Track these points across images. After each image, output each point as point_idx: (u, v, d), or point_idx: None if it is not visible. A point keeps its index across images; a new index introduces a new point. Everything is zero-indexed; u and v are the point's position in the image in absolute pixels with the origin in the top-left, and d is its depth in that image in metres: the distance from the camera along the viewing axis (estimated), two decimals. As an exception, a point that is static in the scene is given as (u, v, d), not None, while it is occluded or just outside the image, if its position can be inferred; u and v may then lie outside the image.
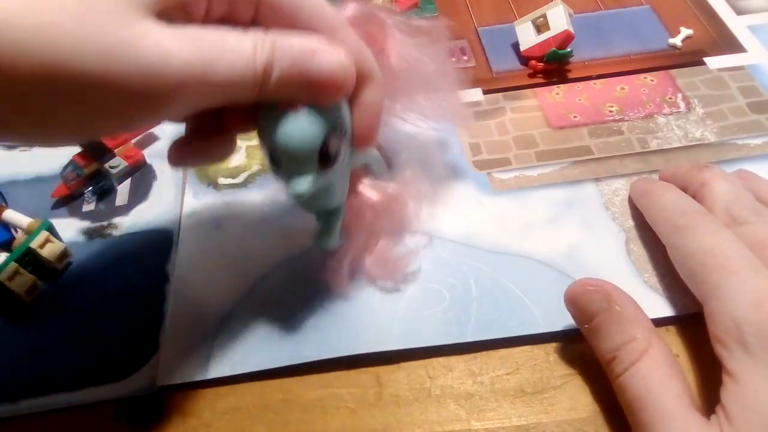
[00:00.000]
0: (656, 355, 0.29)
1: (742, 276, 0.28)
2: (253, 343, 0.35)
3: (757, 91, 0.46)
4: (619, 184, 0.41)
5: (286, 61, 0.26)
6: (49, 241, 0.39)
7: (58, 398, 0.35)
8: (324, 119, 0.28)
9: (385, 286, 0.37)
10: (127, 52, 0.23)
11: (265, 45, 0.26)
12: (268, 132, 0.28)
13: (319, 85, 0.27)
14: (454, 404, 0.33)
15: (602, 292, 0.31)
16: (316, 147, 0.28)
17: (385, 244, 0.38)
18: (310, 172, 0.29)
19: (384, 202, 0.36)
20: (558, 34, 0.48)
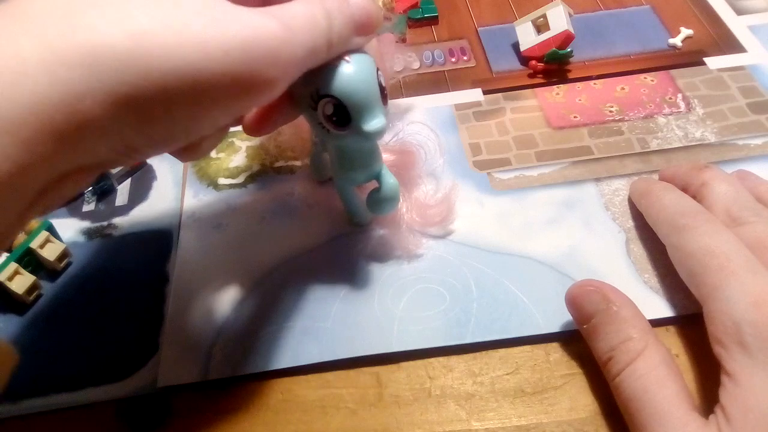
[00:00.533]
0: (653, 356, 0.29)
1: (742, 277, 0.28)
2: (253, 344, 0.35)
3: (758, 91, 0.46)
4: (620, 184, 0.41)
5: (337, 14, 0.28)
6: (49, 241, 0.39)
7: (58, 398, 0.35)
8: (368, 57, 0.31)
9: (435, 233, 0.39)
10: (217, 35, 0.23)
11: (318, 5, 0.27)
12: (335, 88, 0.30)
13: (363, 24, 0.29)
14: (454, 404, 0.33)
15: (600, 293, 0.31)
16: (376, 82, 0.30)
17: (417, 195, 0.40)
18: (380, 108, 0.31)
19: (398, 159, 0.39)
20: (558, 34, 0.48)
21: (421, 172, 0.41)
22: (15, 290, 0.37)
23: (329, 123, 0.31)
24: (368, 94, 0.30)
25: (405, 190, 0.39)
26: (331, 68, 0.30)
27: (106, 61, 0.21)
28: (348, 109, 0.30)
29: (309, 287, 0.37)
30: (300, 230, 0.40)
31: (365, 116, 0.30)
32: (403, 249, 0.38)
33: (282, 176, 0.44)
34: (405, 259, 0.38)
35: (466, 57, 0.51)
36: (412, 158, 0.40)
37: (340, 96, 0.30)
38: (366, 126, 0.30)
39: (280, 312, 0.36)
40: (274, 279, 0.38)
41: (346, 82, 0.30)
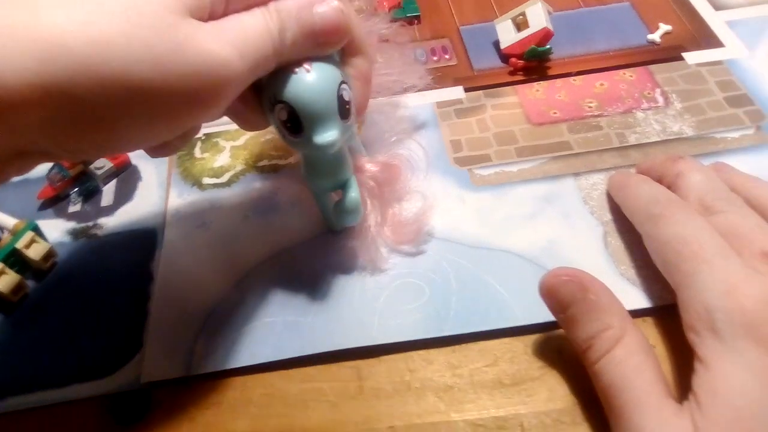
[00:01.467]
0: (631, 343, 0.29)
1: (714, 265, 0.29)
2: (235, 340, 0.36)
3: (735, 85, 0.46)
4: (598, 178, 0.41)
5: (292, 20, 0.28)
6: (34, 241, 0.40)
7: (44, 395, 0.35)
8: (333, 69, 0.31)
9: (408, 251, 0.39)
10: (175, 60, 0.24)
11: (272, 14, 0.28)
12: (289, 95, 0.30)
13: (324, 33, 0.29)
14: (433, 397, 0.33)
15: (577, 282, 0.31)
16: (334, 94, 0.30)
17: (396, 210, 0.40)
18: (334, 122, 0.30)
19: (381, 172, 0.38)
20: (537, 31, 0.48)
21: (403, 187, 0.41)
22: (1, 290, 0.38)
23: (284, 128, 0.31)
24: (322, 106, 0.30)
25: (382, 204, 0.39)
26: (289, 75, 0.30)
27: (61, 59, 0.22)
28: (300, 117, 0.30)
29: (291, 283, 0.38)
30: (282, 228, 0.41)
31: (316, 128, 0.30)
32: (369, 262, 0.38)
33: (265, 175, 0.44)
34: (369, 271, 0.38)
35: (448, 56, 0.52)
36: (396, 172, 0.39)
37: (292, 103, 0.30)
38: (316, 137, 0.30)
39: (262, 308, 0.37)
40: (257, 276, 0.39)
41: (300, 90, 0.29)
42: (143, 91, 0.24)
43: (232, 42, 0.26)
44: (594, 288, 0.31)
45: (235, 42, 0.26)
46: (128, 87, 0.23)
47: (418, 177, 0.42)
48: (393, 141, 0.42)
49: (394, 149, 0.41)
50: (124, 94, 0.23)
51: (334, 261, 0.39)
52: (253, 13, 0.27)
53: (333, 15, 0.29)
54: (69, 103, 0.23)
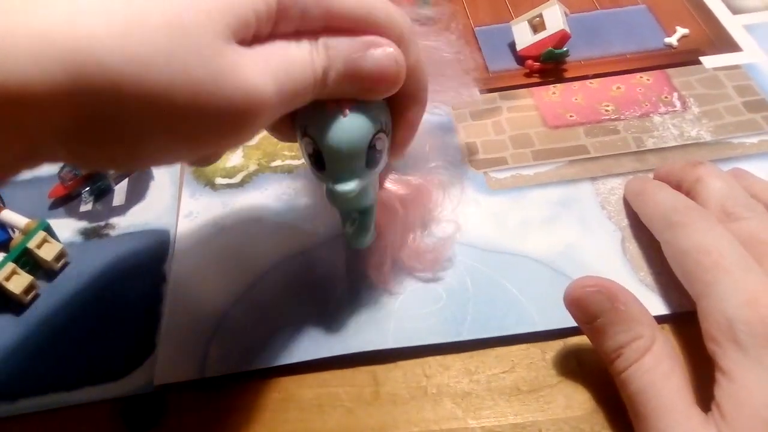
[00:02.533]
0: (660, 351, 0.29)
1: (735, 275, 0.29)
2: (249, 343, 0.35)
3: (753, 90, 0.46)
4: (615, 183, 0.41)
5: (340, 60, 0.27)
6: (46, 241, 0.39)
7: (55, 398, 0.35)
8: (371, 120, 0.29)
9: (425, 277, 0.38)
10: (213, 88, 0.23)
11: (319, 49, 0.26)
12: (317, 134, 0.29)
13: (373, 81, 0.28)
14: (450, 403, 0.33)
15: (605, 293, 0.30)
16: (364, 148, 0.29)
17: (417, 235, 0.38)
18: (358, 171, 0.29)
19: (411, 194, 0.37)
20: (554, 33, 0.48)
21: (432, 214, 0.40)
22: (12, 290, 0.37)
23: (309, 159, 0.30)
24: (349, 154, 0.29)
25: (405, 227, 0.37)
26: (325, 113, 0.28)
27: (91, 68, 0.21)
28: (324, 159, 0.29)
29: (305, 286, 0.38)
30: (296, 230, 0.40)
31: (338, 174, 0.29)
32: (380, 282, 0.37)
33: (279, 176, 0.44)
34: (381, 291, 0.37)
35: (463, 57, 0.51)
36: (427, 197, 0.38)
37: (319, 143, 0.29)
38: (334, 185, 0.29)
39: (276, 311, 0.37)
40: (271, 278, 0.38)
41: (330, 133, 0.28)
42: (172, 114, 0.22)
43: (273, 73, 0.25)
44: (623, 298, 0.30)
45: (276, 73, 0.25)
46: (158, 107, 0.22)
47: (449, 205, 0.40)
48: (432, 166, 0.40)
49: (431, 173, 0.39)
50: (152, 113, 0.22)
51: (349, 264, 0.38)
52: (301, 44, 0.26)
53: (385, 63, 0.27)
54: (93, 115, 0.21)
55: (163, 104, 0.22)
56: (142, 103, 0.22)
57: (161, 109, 0.22)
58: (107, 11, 0.21)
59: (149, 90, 0.21)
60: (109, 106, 0.21)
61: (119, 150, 0.24)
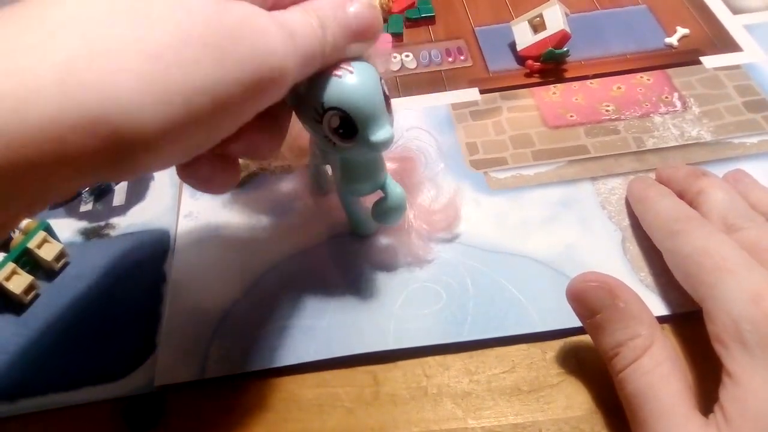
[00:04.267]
0: (659, 352, 0.29)
1: (739, 274, 0.28)
2: (250, 343, 0.35)
3: (753, 90, 0.46)
4: (616, 183, 0.41)
5: (331, 22, 0.28)
6: (46, 241, 0.39)
7: (55, 398, 0.35)
8: (371, 66, 0.30)
9: (446, 237, 0.39)
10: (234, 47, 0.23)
11: (310, 13, 0.27)
12: (339, 99, 0.29)
13: (361, 31, 0.29)
14: (450, 403, 0.33)
15: (606, 288, 0.31)
16: (380, 91, 0.30)
17: (422, 200, 0.39)
18: (386, 118, 0.30)
19: (400, 165, 0.38)
20: (554, 33, 0.48)
21: (423, 178, 0.40)
22: (12, 290, 0.37)
23: (335, 135, 0.30)
24: (374, 105, 0.29)
25: (409, 197, 0.38)
26: (335, 80, 0.29)
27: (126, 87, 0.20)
28: (355, 121, 0.29)
29: (306, 286, 0.38)
30: (297, 230, 0.40)
31: (372, 127, 0.30)
32: (413, 256, 0.38)
33: (279, 176, 0.44)
34: (416, 265, 0.38)
35: (463, 57, 0.51)
36: (414, 164, 0.39)
37: (346, 108, 0.29)
38: (374, 137, 0.30)
39: (276, 311, 0.37)
40: (271, 278, 0.38)
41: (351, 93, 0.29)
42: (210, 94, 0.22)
43: (287, 27, 0.25)
44: (624, 295, 0.30)
45: (290, 27, 0.25)
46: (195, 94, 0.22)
47: (433, 167, 0.41)
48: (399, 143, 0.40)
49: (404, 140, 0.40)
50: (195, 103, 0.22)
51: (349, 264, 0.38)
52: (294, 11, 0.27)
53: (367, 12, 0.29)
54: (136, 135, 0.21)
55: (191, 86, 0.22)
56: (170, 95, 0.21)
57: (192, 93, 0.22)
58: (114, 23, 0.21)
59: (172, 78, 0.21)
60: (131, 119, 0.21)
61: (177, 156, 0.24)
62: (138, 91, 0.20)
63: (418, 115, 0.47)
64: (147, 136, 0.21)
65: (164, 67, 0.21)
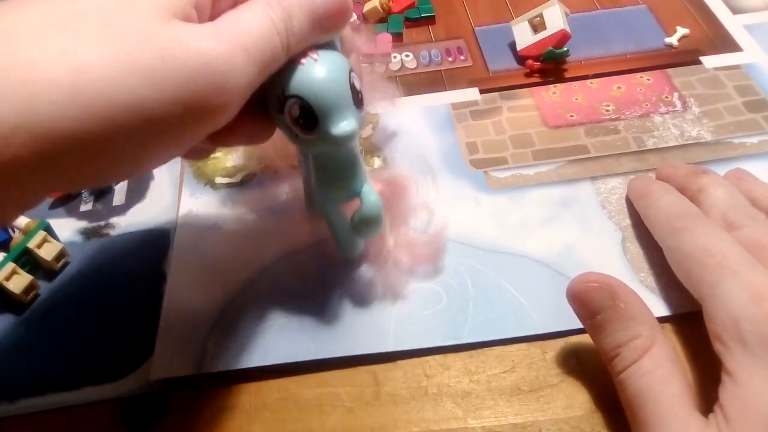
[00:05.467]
0: (659, 353, 0.29)
1: (740, 273, 0.28)
2: (249, 340, 0.35)
3: (753, 90, 0.46)
4: (616, 182, 0.41)
5: (296, 9, 0.27)
6: (46, 241, 0.39)
7: (55, 398, 0.35)
8: (340, 55, 0.29)
9: (424, 272, 0.37)
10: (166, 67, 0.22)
11: (273, 6, 0.26)
12: (300, 86, 0.28)
13: (329, 16, 0.28)
14: (450, 403, 0.33)
15: (607, 289, 0.31)
16: (347, 82, 0.29)
17: (406, 231, 0.38)
18: (351, 110, 0.29)
19: (387, 190, 0.37)
20: (554, 33, 0.48)
21: (412, 206, 0.39)
22: (12, 290, 0.37)
23: (296, 126, 0.29)
24: (337, 94, 0.28)
25: (393, 224, 0.37)
26: (297, 67, 0.28)
27: (45, 97, 0.21)
28: (314, 110, 0.28)
29: (304, 285, 0.38)
30: (296, 228, 0.40)
31: (333, 118, 0.28)
32: (387, 288, 0.36)
33: (279, 175, 0.44)
34: (390, 299, 0.36)
35: (463, 56, 0.51)
36: (403, 190, 0.38)
37: (305, 95, 0.28)
38: (334, 129, 0.28)
39: (275, 308, 0.37)
40: (270, 277, 0.38)
41: (311, 80, 0.28)
42: (139, 111, 0.22)
43: (233, 38, 0.24)
44: (624, 295, 0.30)
45: (237, 38, 0.25)
46: (121, 109, 0.22)
47: (424, 193, 0.40)
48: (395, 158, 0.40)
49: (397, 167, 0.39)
50: (120, 117, 0.22)
51: (349, 263, 0.38)
52: (253, 8, 0.26)
53: None
54: (60, 141, 0.21)
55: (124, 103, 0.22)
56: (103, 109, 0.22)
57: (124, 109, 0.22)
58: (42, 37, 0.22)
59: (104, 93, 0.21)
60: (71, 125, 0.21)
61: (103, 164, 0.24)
62: (59, 102, 0.21)
63: (418, 115, 0.47)
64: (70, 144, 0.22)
65: (88, 81, 0.21)
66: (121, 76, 0.22)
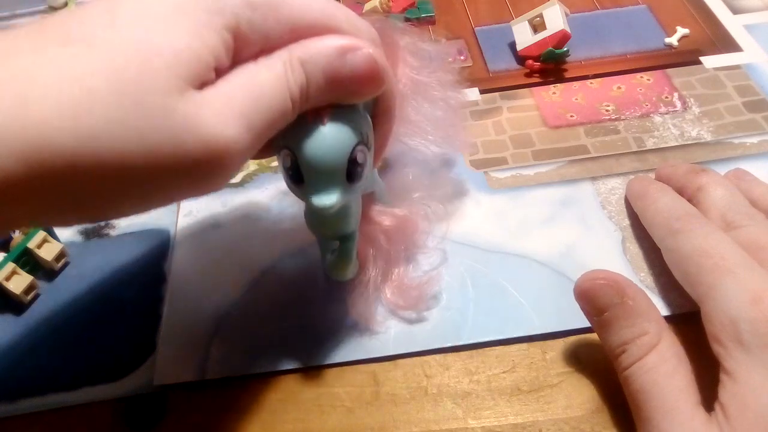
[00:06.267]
0: (665, 349, 0.29)
1: (738, 275, 0.28)
2: (250, 344, 0.35)
3: (753, 90, 0.46)
4: (616, 183, 0.41)
5: (318, 72, 0.26)
6: (46, 241, 0.39)
7: (55, 398, 0.35)
8: (352, 130, 0.28)
9: (409, 317, 0.36)
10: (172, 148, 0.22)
11: (294, 65, 0.25)
12: (295, 145, 0.27)
13: (355, 84, 0.27)
14: (450, 403, 0.33)
15: (614, 286, 0.30)
16: (344, 158, 0.28)
17: (402, 271, 0.37)
18: (338, 185, 0.28)
19: (395, 226, 0.35)
20: (554, 33, 0.48)
21: (417, 247, 0.38)
22: (12, 290, 0.37)
23: (286, 173, 0.29)
24: (327, 166, 0.27)
25: (388, 262, 0.36)
26: (302, 123, 0.27)
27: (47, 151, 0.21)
28: (301, 171, 0.28)
29: (306, 287, 0.38)
30: (296, 229, 0.40)
31: (317, 187, 0.28)
32: (360, 319, 0.35)
33: (279, 175, 0.44)
34: (362, 329, 0.35)
35: (463, 57, 0.51)
36: (412, 229, 0.37)
37: (296, 154, 0.27)
38: (313, 198, 0.28)
39: (276, 312, 0.37)
40: (271, 278, 0.38)
41: (308, 144, 0.27)
42: (136, 178, 0.22)
43: (240, 113, 0.24)
44: (632, 292, 0.30)
45: (243, 110, 0.24)
46: (120, 175, 0.22)
47: (434, 238, 0.39)
48: (416, 197, 0.38)
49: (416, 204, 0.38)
50: (116, 181, 0.22)
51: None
52: (272, 65, 0.25)
53: (365, 65, 0.26)
54: (56, 192, 0.22)
55: (124, 171, 0.22)
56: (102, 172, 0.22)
57: (122, 176, 0.22)
58: (56, 94, 0.21)
59: (106, 160, 0.21)
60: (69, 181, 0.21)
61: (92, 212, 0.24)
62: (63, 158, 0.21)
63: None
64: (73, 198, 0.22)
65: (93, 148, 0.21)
66: (128, 151, 0.22)
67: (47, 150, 0.21)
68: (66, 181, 0.21)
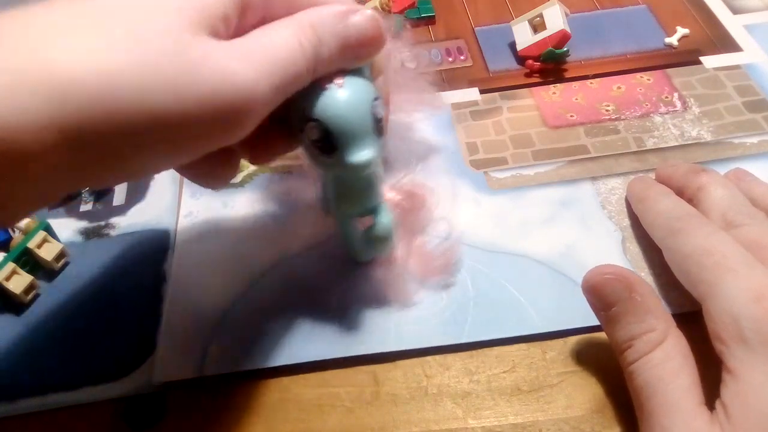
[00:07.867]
0: (671, 346, 0.29)
1: (739, 273, 0.28)
2: (249, 342, 0.35)
3: (753, 90, 0.46)
4: (616, 183, 0.41)
5: (329, 35, 0.27)
6: (46, 241, 0.39)
7: (56, 398, 0.35)
8: (366, 83, 0.29)
9: (437, 283, 0.37)
10: (190, 81, 0.23)
11: (305, 30, 0.26)
12: (321, 112, 0.28)
13: (361, 44, 0.28)
14: (450, 403, 0.33)
15: (623, 281, 0.30)
16: (369, 111, 0.29)
17: (422, 241, 0.38)
18: (369, 140, 0.29)
19: (406, 200, 0.37)
20: (554, 33, 0.48)
21: (430, 218, 0.39)
22: (12, 290, 0.37)
23: (315, 148, 0.29)
24: (356, 123, 0.28)
25: (408, 235, 0.37)
26: (321, 91, 0.28)
27: (72, 95, 0.21)
28: (333, 136, 0.28)
29: (306, 286, 0.38)
30: (297, 230, 0.40)
31: (351, 146, 0.28)
32: (397, 297, 0.36)
33: (279, 176, 0.44)
34: (398, 306, 0.36)
35: (463, 57, 0.51)
36: (422, 201, 0.38)
37: (325, 121, 0.28)
38: (350, 157, 0.29)
39: (276, 311, 0.37)
40: (271, 278, 0.38)
41: (333, 107, 0.28)
42: (161, 118, 0.23)
43: (258, 62, 0.25)
44: (640, 288, 0.30)
45: (261, 62, 0.25)
46: (144, 115, 0.22)
47: (443, 206, 0.40)
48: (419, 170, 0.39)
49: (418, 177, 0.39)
50: (142, 123, 0.22)
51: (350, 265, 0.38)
52: (283, 30, 0.26)
53: (369, 24, 0.28)
54: (87, 141, 0.22)
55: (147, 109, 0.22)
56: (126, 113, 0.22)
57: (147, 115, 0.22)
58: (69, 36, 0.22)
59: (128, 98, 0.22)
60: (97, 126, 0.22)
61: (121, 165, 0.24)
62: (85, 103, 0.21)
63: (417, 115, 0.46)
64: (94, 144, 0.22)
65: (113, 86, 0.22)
66: (147, 86, 0.22)
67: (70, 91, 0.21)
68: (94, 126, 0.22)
